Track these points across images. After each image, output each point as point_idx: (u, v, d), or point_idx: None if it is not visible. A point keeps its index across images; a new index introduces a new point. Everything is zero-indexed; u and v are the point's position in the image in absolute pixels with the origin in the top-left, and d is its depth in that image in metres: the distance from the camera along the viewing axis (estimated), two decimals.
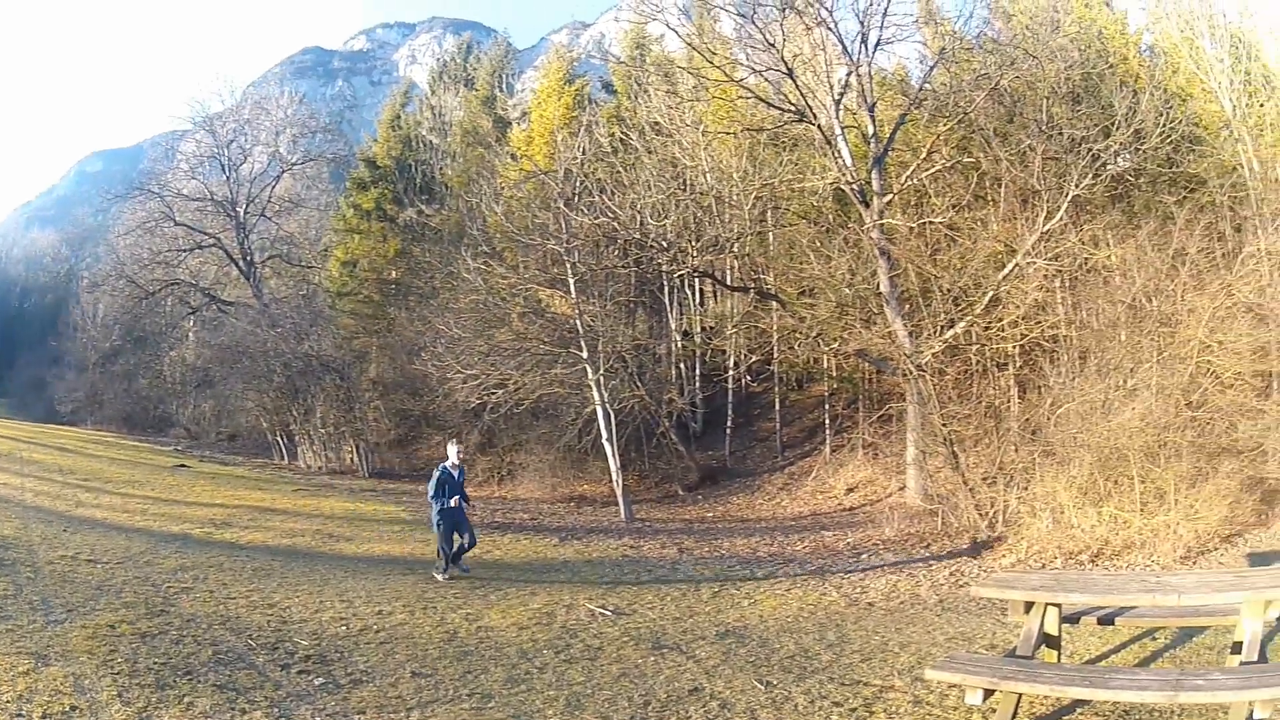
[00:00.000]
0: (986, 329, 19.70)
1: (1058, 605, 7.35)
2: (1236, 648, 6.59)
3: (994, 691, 6.37)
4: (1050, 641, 7.46)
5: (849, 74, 21.26)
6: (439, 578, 12.71)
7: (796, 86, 20.32)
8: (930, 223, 20.86)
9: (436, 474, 13.14)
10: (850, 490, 22.28)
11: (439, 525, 13.07)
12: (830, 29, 20.90)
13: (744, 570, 14.45)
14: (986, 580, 9.24)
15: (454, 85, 45.28)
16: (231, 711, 6.58)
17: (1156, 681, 6.23)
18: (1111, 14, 29.81)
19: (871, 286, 20.92)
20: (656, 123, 26.59)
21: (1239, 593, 6.68)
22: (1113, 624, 8.12)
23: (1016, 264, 18.86)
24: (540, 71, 40.26)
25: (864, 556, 15.54)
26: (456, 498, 13.11)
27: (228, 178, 42.65)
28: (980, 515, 15.93)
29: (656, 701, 7.24)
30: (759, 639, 9.56)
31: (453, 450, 13.72)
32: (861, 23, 20.61)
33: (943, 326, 19.57)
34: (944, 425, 17.13)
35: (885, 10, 20.60)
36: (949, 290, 20.01)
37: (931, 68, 23.62)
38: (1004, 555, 14.79)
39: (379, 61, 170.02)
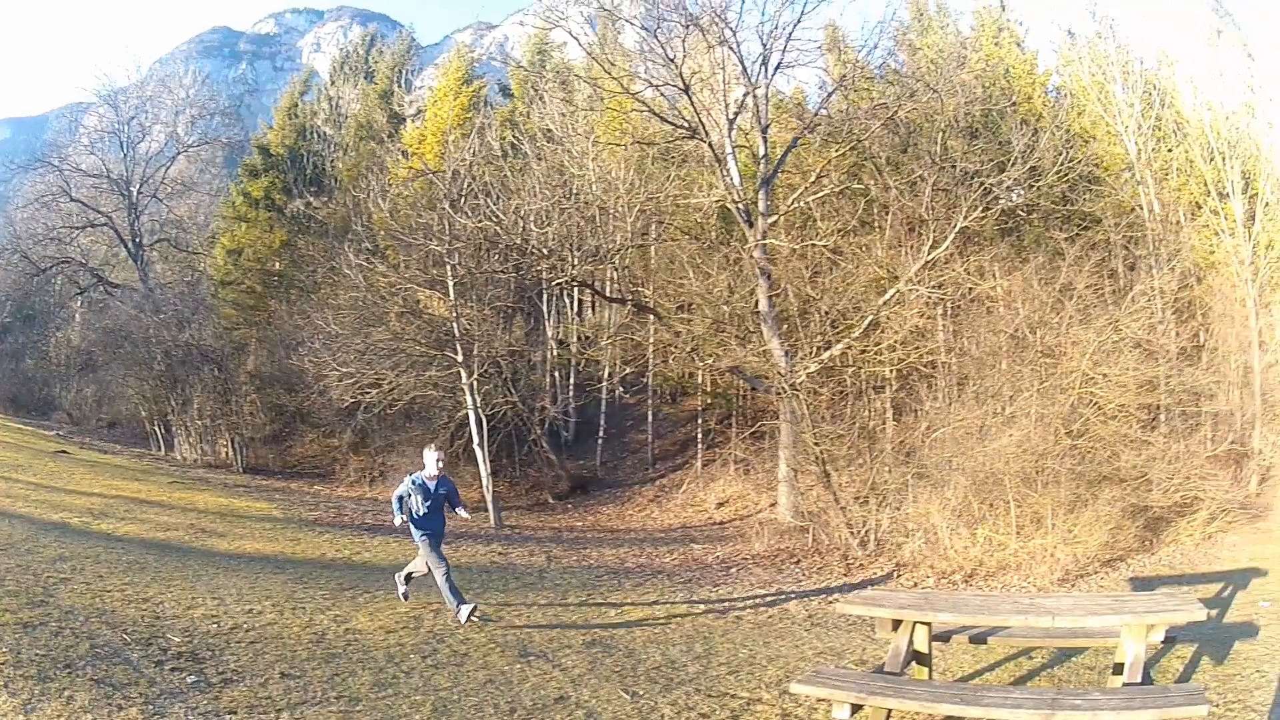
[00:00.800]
0: (863, 352, 20.16)
1: (927, 624, 7.50)
2: (1118, 669, 6.83)
3: (862, 707, 6.45)
4: (920, 659, 7.60)
5: (746, 94, 21.66)
6: (461, 614, 10.30)
7: (692, 103, 20.64)
8: (814, 245, 21.31)
9: (404, 484, 10.95)
10: (721, 505, 22.69)
11: (420, 541, 10.91)
12: (732, 49, 21.32)
13: (612, 580, 14.57)
14: (853, 598, 9.25)
15: (354, 77, 45.11)
16: (109, 707, 6.58)
17: (1031, 700, 6.42)
18: (1021, 54, 31.11)
19: (750, 305, 21.28)
20: (549, 129, 26.97)
21: (1116, 616, 6.90)
22: (985, 643, 8.28)
23: (898, 290, 19.41)
24: (440, 70, 40.55)
25: (733, 571, 15.76)
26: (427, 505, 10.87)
27: (125, 155, 42.09)
28: (852, 534, 16.19)
29: (523, 709, 7.36)
30: (625, 649, 9.70)
31: (431, 458, 11.14)
32: (764, 45, 21.15)
33: (819, 347, 19.95)
34: (816, 444, 17.32)
35: (789, 35, 21.08)
36: (828, 312, 20.47)
37: (829, 94, 24.18)
38: (875, 573, 15.09)
39: (284, 47, 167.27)
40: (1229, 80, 29.36)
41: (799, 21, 21.08)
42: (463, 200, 21.62)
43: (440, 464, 11.33)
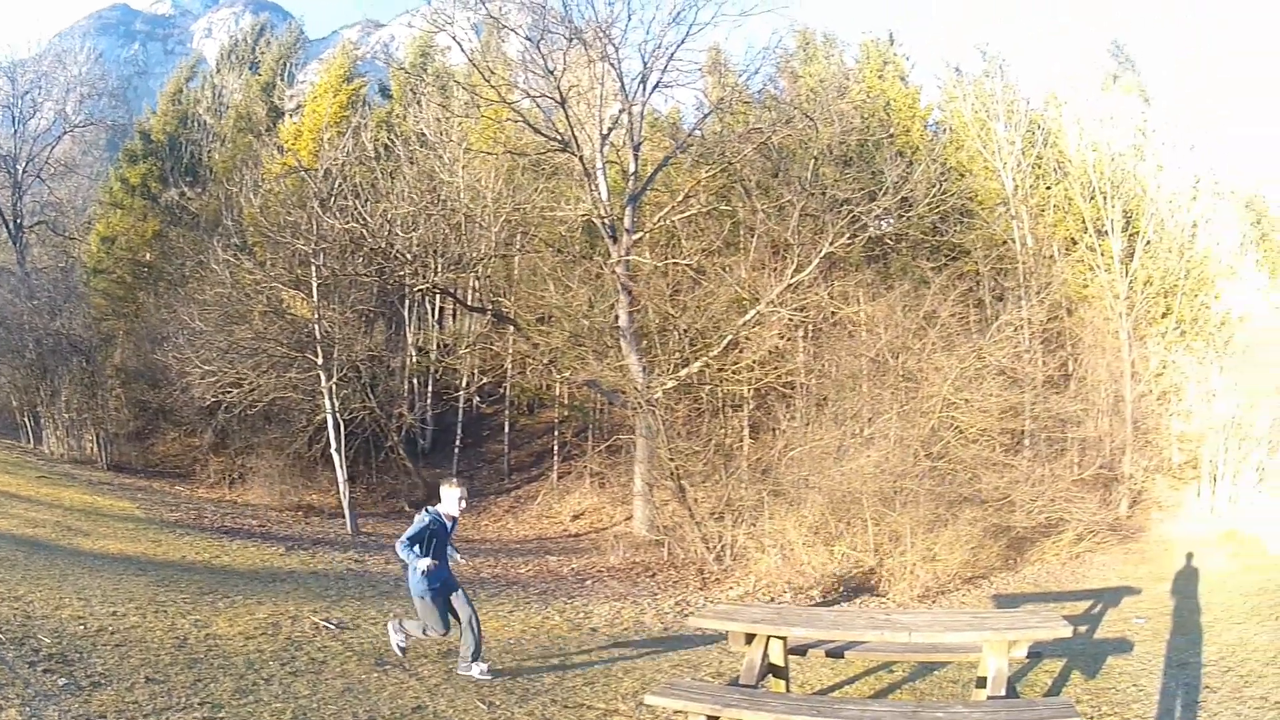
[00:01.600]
0: (721, 370, 20.93)
1: (782, 638, 7.66)
2: (981, 682, 7.04)
3: (718, 719, 6.46)
4: (777, 672, 7.77)
5: (622, 111, 22.12)
6: (474, 673, 8.91)
7: (567, 116, 21.02)
8: (677, 264, 21.65)
9: (421, 521, 9.08)
10: (576, 517, 23.33)
11: (427, 595, 9.16)
12: (613, 65, 21.71)
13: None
14: (707, 612, 9.41)
15: (239, 66, 44.53)
16: None
17: (891, 713, 6.70)
18: (905, 88, 32.21)
19: (609, 320, 21.70)
20: (423, 134, 27.05)
21: (975, 632, 7.19)
22: (842, 657, 8.48)
23: (759, 311, 19.95)
24: (324, 65, 40.41)
25: (588, 583, 16.03)
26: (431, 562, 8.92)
27: (15, 131, 41.02)
28: (707, 548, 16.50)
29: (381, 719, 7.47)
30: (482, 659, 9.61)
31: (454, 495, 9.40)
32: (645, 63, 21.61)
33: (677, 364, 20.44)
34: (672, 460, 17.63)
35: (671, 55, 21.57)
36: (687, 330, 20.88)
37: (705, 115, 24.88)
38: (731, 588, 15.38)
39: (177, 29, 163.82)
40: (1120, 123, 30.91)
41: (683, 42, 21.63)
42: (332, 200, 21.70)
43: (463, 502, 9.63)
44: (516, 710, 7.94)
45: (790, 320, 20.79)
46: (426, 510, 9.40)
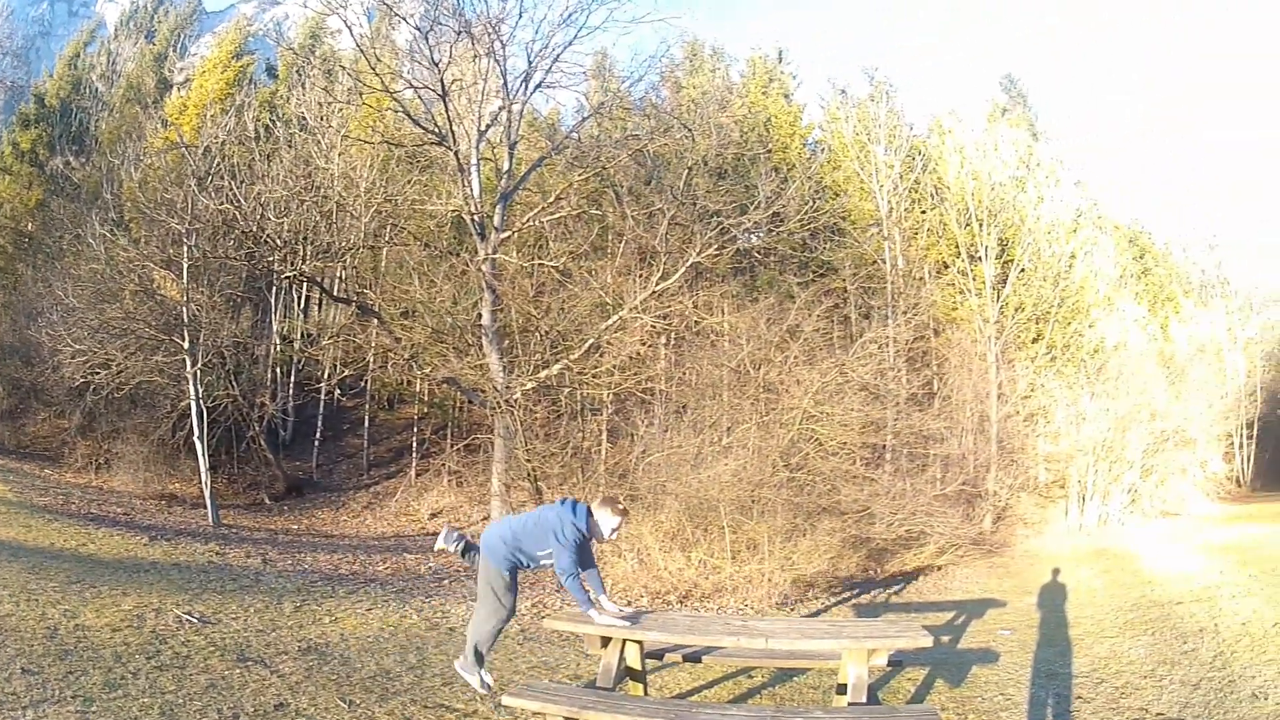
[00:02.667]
0: (581, 374, 20.95)
1: (638, 641, 7.61)
2: (842, 689, 7.13)
3: None
4: (634, 675, 7.75)
5: (502, 108, 22.24)
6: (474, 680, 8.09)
7: (447, 110, 20.86)
8: (543, 265, 22.01)
9: (575, 539, 7.51)
10: (434, 515, 23.49)
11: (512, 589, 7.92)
12: (498, 61, 21.69)
13: (326, 586, 14.61)
14: (561, 614, 8.96)
15: (136, 34, 44.31)
16: None
17: (749, 718, 7.02)
18: (788, 105, 32.94)
19: (472, 318, 21.82)
20: (304, 117, 26.90)
21: (833, 640, 7.29)
22: (700, 662, 8.59)
23: (621, 317, 20.07)
24: (217, 39, 40.12)
25: (445, 582, 16.00)
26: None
27: None
28: None
29: (245, 716, 7.47)
30: (340, 657, 9.88)
31: (611, 524, 7.66)
32: (530, 62, 21.56)
33: (538, 366, 20.50)
34: (529, 461, 18.05)
35: (558, 56, 21.56)
36: (548, 332, 21.25)
37: (584, 119, 24.92)
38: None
39: None
40: (1004, 154, 31.88)
41: (570, 44, 21.59)
42: (209, 179, 21.52)
43: (614, 535, 7.94)
44: (377, 709, 8.01)
45: (653, 327, 21.03)
46: (575, 525, 7.49)
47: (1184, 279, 50.76)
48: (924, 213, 31.38)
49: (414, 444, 26.98)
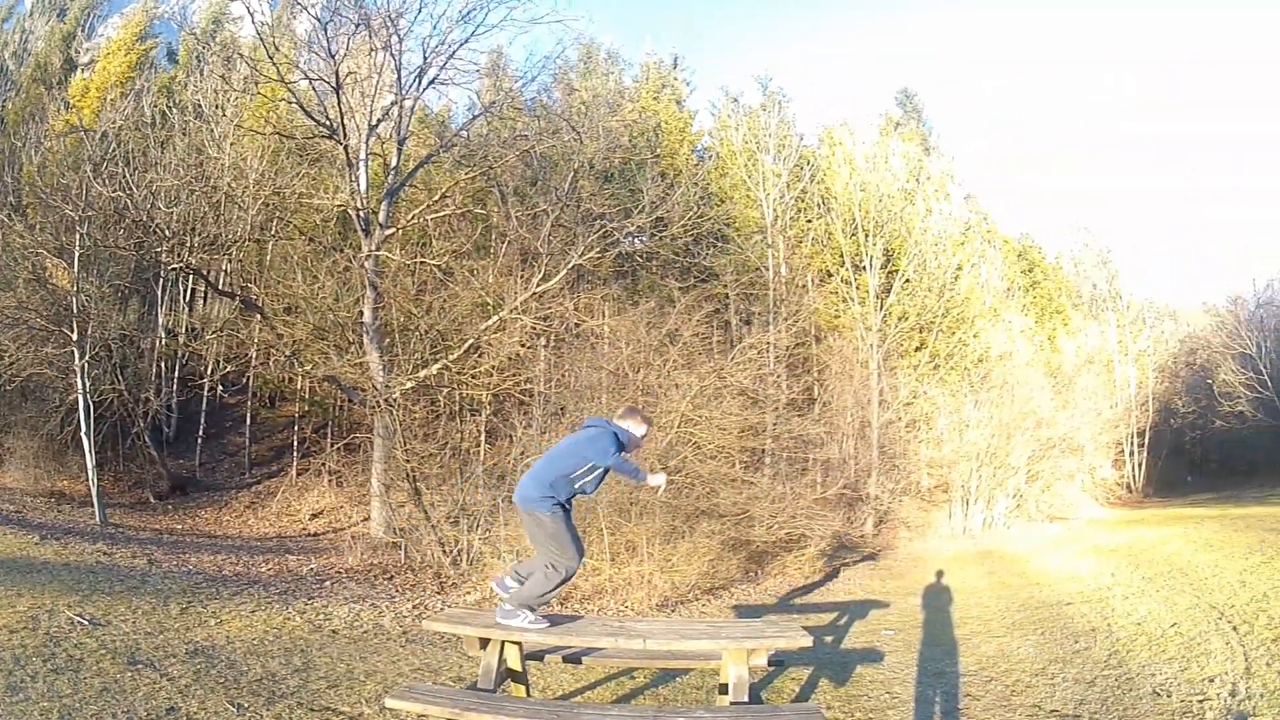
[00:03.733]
0: (460, 374, 21.02)
1: (518, 642, 7.66)
2: (724, 689, 7.20)
3: None
4: (516, 677, 7.80)
5: (394, 103, 22.32)
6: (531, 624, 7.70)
7: (339, 103, 20.88)
8: (425, 263, 22.22)
9: (618, 443, 7.70)
10: (315, 516, 23.44)
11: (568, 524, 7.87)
12: (394, 55, 21.80)
13: (210, 588, 14.48)
14: (440, 616, 9.37)
15: (50, 12, 43.71)
16: None
17: (632, 717, 7.15)
18: (679, 111, 33.39)
19: (353, 315, 21.92)
20: (199, 104, 26.90)
21: (711, 641, 7.39)
22: (580, 663, 8.57)
23: (502, 317, 20.36)
24: (124, 21, 39.65)
25: (327, 584, 15.99)
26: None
27: None
28: (444, 552, 16.84)
29: (138, 719, 7.48)
30: (227, 660, 9.87)
31: (640, 429, 7.94)
32: (425, 58, 21.82)
33: (417, 365, 20.65)
34: (408, 461, 17.86)
35: (453, 53, 21.78)
36: (428, 331, 21.38)
37: (474, 117, 25.18)
38: (469, 592, 15.62)
39: None
40: (894, 167, 32.78)
41: (466, 42, 21.90)
42: (104, 165, 21.19)
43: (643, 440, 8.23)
44: (264, 713, 8.05)
45: (533, 328, 21.28)
46: (616, 432, 7.70)
47: (1073, 292, 52.13)
48: (809, 222, 32.23)
49: (295, 443, 26.81)
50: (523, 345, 21.41)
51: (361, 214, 21.44)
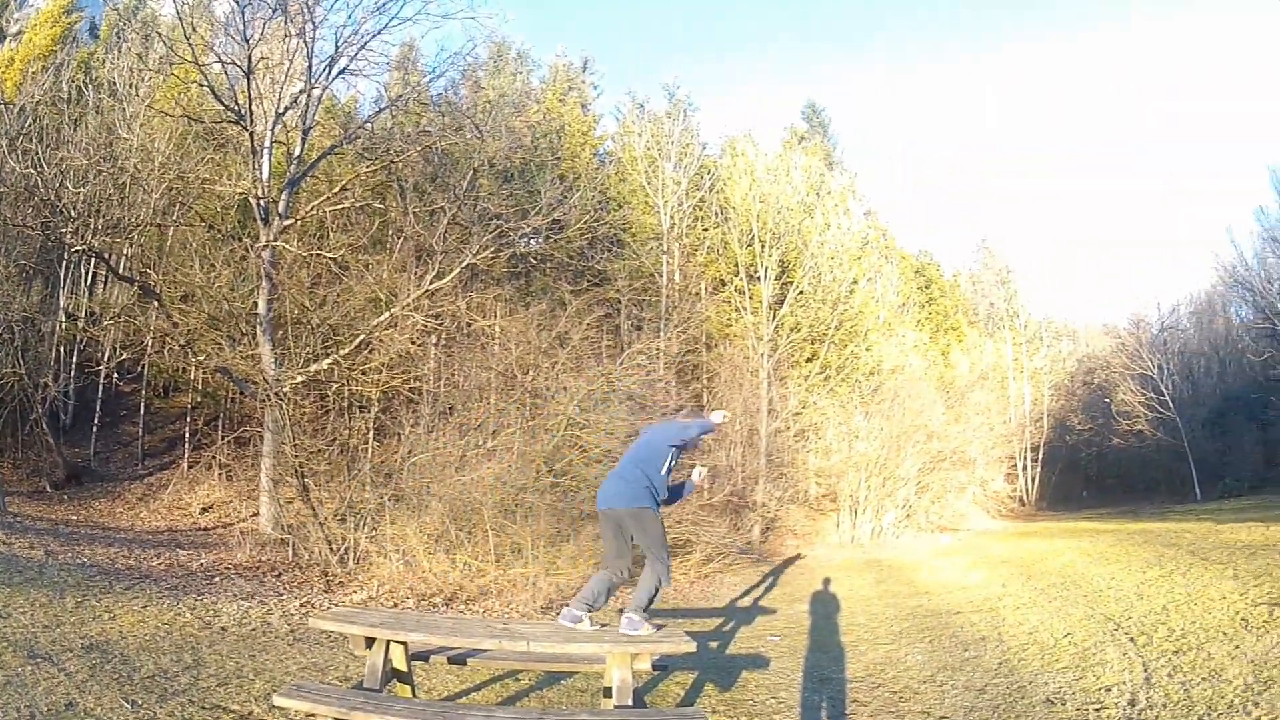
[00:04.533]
0: (351, 369, 21.08)
1: (403, 643, 7.75)
2: (608, 692, 7.21)
3: None
4: (401, 677, 7.88)
5: (302, 91, 22.14)
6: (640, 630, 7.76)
7: (249, 88, 20.65)
8: (321, 255, 22.12)
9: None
10: (205, 510, 23.27)
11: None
12: (306, 42, 21.59)
13: (104, 582, 14.55)
14: (326, 614, 9.30)
15: None
16: None
17: (515, 719, 7.12)
18: (584, 115, 33.97)
19: (248, 306, 21.63)
20: (114, 82, 26.67)
21: (595, 644, 7.39)
22: (465, 664, 8.59)
23: (393, 314, 20.57)
24: None
25: (217, 580, 15.92)
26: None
27: None
28: (331, 550, 16.82)
29: (40, 714, 7.55)
30: (121, 656, 9.87)
31: (719, 414, 8.33)
32: (337, 47, 21.84)
33: (308, 359, 20.53)
34: (296, 457, 17.72)
35: (365, 44, 21.75)
36: (320, 325, 21.38)
37: (380, 110, 25.32)
38: (356, 591, 15.61)
39: None
40: (795, 180, 33.60)
41: (379, 33, 21.85)
42: (20, 140, 20.98)
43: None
44: (158, 710, 8.06)
45: (425, 326, 21.36)
46: (699, 424, 8.13)
47: (969, 309, 53.66)
48: (706, 230, 33.04)
49: (187, 435, 26.58)
50: (413, 343, 21.44)
51: (262, 203, 21.31)
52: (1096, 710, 8.74)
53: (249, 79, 20.71)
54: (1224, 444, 46.62)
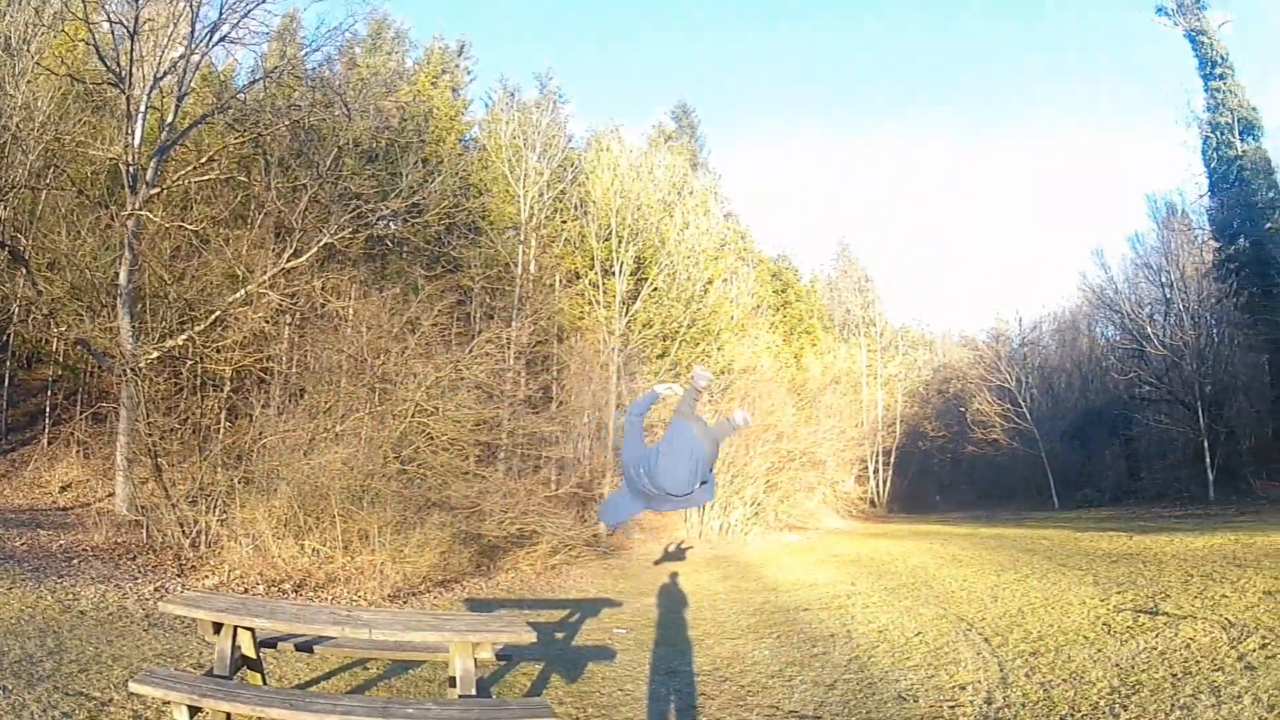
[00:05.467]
0: (205, 346, 21.01)
1: (250, 629, 7.95)
2: (454, 681, 7.49)
3: (200, 710, 6.95)
4: (251, 664, 8.15)
5: (182, 56, 22.15)
6: None
7: (132, 50, 20.71)
8: (184, 227, 22.00)
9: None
10: (65, 489, 22.86)
11: None
12: (191, 6, 21.78)
13: None
14: (175, 599, 9.46)
15: None
16: None
17: (363, 707, 6.97)
18: (454, 99, 35.05)
19: (109, 276, 21.50)
20: (9, 37, 24.93)
21: (436, 633, 7.59)
22: (311, 651, 8.77)
23: (249, 291, 20.63)
24: None
25: (75, 562, 15.87)
26: None
27: None
28: (184, 533, 16.88)
29: None
30: None
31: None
32: (221, 13, 21.92)
33: (164, 334, 20.42)
34: (150, 435, 17.79)
35: (248, 12, 22.14)
36: (176, 299, 21.36)
37: (254, 81, 25.24)
38: (207, 576, 15.67)
39: None
40: (658, 178, 35.11)
41: (264, 1, 22.10)
42: None
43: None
44: (26, 695, 8.22)
45: (279, 305, 21.43)
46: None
47: (825, 314, 55.95)
48: (565, 223, 34.20)
49: (47, 409, 25.88)
50: (267, 322, 21.58)
51: (132, 169, 21.08)
52: (951, 708, 9.06)
53: (133, 40, 20.92)
54: (1085, 456, 49.28)
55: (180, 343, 20.47)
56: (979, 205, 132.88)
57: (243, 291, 20.76)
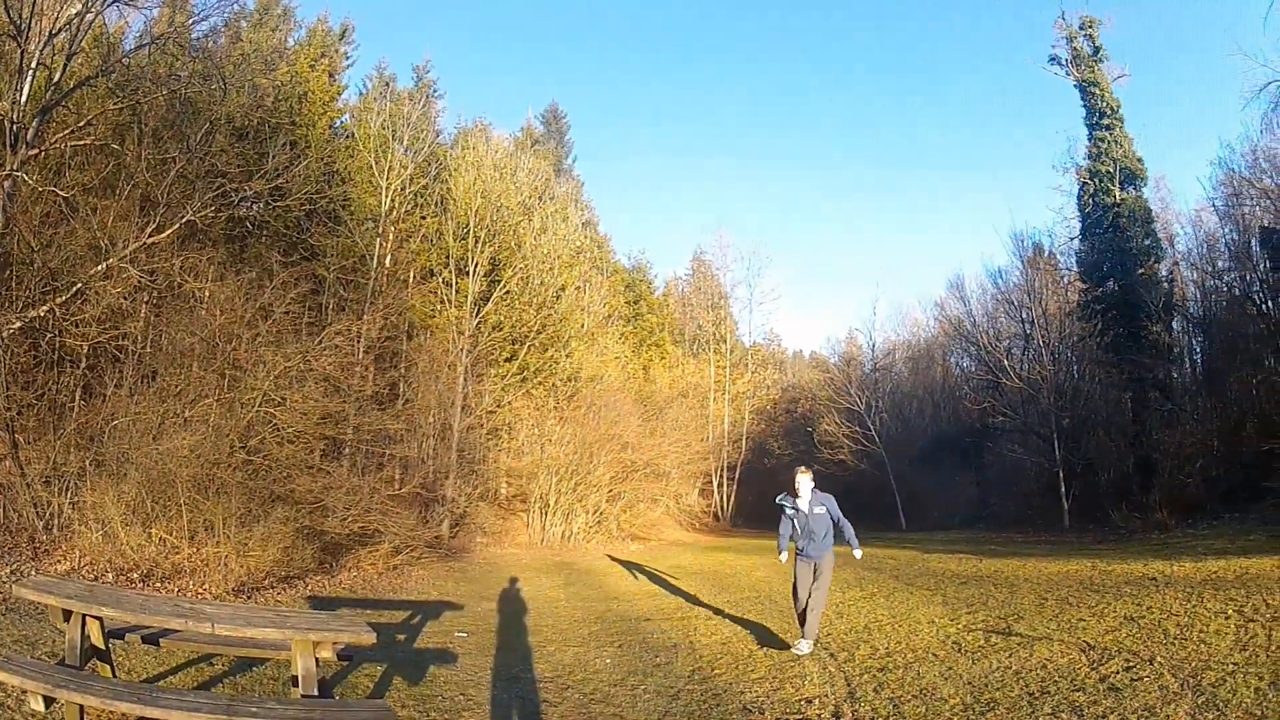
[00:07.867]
0: (65, 319, 20.93)
1: (99, 618, 8.18)
2: (296, 681, 7.71)
3: (55, 700, 7.31)
4: (100, 654, 8.41)
5: (79, 14, 21.73)
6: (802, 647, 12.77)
7: (35, 3, 20.70)
8: (56, 193, 21.39)
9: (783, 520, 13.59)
10: None
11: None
12: None
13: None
14: (27, 584, 9.13)
15: None
16: None
17: (208, 704, 7.18)
18: (329, 84, 36.43)
19: None
20: None
21: (277, 630, 7.84)
22: (157, 644, 9.07)
23: (110, 264, 20.48)
24: None
25: None
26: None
27: None
28: (37, 515, 17.03)
29: None
30: None
31: (805, 482, 13.57)
32: None
33: (27, 304, 20.09)
34: (8, 410, 18.07)
35: None
36: (42, 268, 20.75)
37: (141, 45, 25.56)
38: (60, 561, 15.94)
39: None
40: (520, 181, 37.36)
41: None
42: None
43: (813, 486, 13.44)
44: None
45: (138, 281, 21.21)
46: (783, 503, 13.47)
47: (676, 328, 59.29)
48: (424, 218, 35.78)
49: None
50: (125, 298, 21.66)
51: (15, 128, 20.60)
52: None
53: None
54: (936, 481, 52.64)
55: (41, 314, 20.20)
56: (839, 227, 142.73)
57: (104, 265, 20.68)
